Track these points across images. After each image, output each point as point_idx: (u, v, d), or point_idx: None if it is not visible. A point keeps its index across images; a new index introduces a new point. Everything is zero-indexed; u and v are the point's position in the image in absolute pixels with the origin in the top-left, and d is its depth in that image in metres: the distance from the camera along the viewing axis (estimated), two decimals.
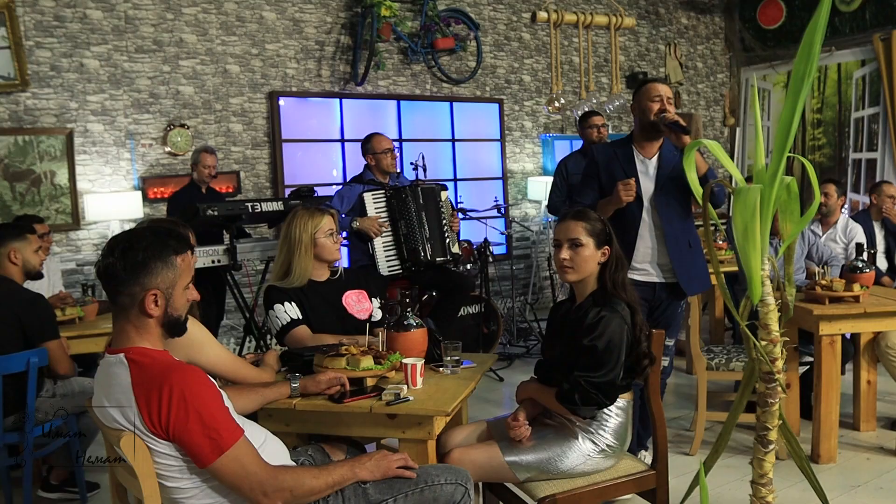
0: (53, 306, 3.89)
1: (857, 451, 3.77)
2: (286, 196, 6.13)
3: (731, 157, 9.12)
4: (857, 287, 3.51)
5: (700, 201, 1.37)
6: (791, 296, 1.41)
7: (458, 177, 7.47)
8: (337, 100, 6.75)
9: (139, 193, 5.73)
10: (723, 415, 4.08)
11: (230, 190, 6.20)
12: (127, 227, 5.76)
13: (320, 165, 6.75)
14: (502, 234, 6.79)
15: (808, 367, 3.97)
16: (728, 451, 3.76)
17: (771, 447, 1.21)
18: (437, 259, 4.65)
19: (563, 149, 7.83)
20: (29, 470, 3.14)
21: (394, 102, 7.06)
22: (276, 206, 4.88)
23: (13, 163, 5.39)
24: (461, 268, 5.76)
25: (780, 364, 1.27)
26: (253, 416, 2.39)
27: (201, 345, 2.29)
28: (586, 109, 5.27)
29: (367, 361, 2.40)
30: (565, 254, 2.41)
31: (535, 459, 2.33)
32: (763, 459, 1.21)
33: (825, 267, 3.85)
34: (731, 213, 5.69)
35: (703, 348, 3.88)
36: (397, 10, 6.65)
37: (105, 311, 4.02)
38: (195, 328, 2.28)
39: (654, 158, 3.22)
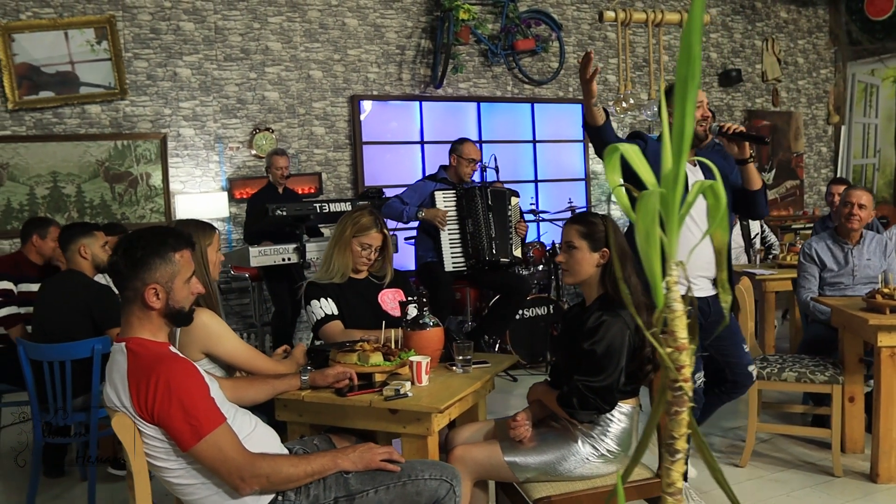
0: None
1: None
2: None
3: (836, 156, 8.63)
4: None
5: (620, 202, 1.38)
6: (726, 303, 1.39)
7: (539, 178, 7.46)
8: (417, 102, 6.89)
9: (225, 194, 6.07)
10: (778, 426, 3.91)
11: (312, 191, 6.47)
12: (215, 225, 6.13)
13: (403, 167, 6.92)
14: None
15: None
16: (778, 465, 3.62)
17: (678, 456, 1.20)
18: (502, 259, 4.72)
19: None
20: (94, 447, 3.42)
21: (474, 104, 7.13)
22: (344, 206, 5.06)
23: (113, 165, 5.85)
24: (532, 269, 5.76)
25: (686, 372, 1.26)
26: (270, 406, 2.54)
27: (219, 337, 2.44)
28: (655, 110, 5.15)
29: (377, 358, 2.49)
30: (561, 257, 2.43)
31: (535, 461, 2.35)
32: (671, 469, 1.20)
33: (890, 275, 3.61)
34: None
35: (759, 357, 3.74)
36: (476, 14, 6.72)
37: None
38: (213, 322, 2.43)
39: (697, 165, 3.08)
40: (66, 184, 5.72)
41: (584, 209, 7.12)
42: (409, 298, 2.94)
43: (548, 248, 6.00)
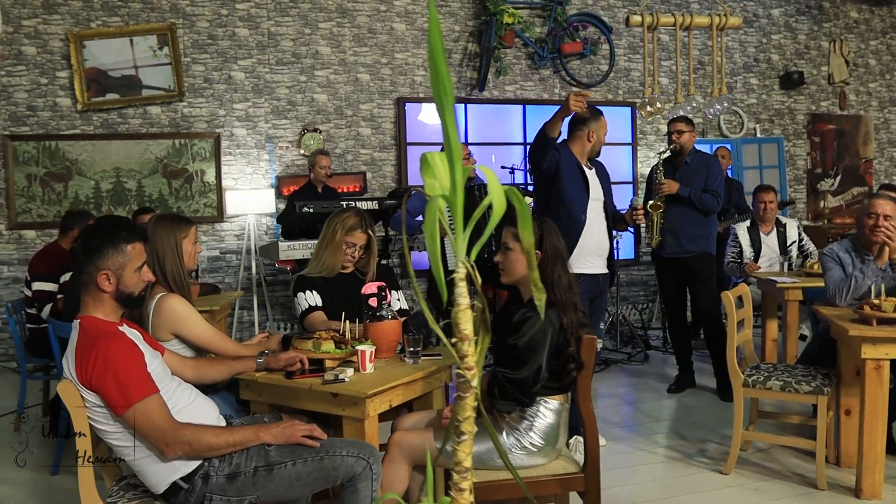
0: None
1: None
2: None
3: None
4: None
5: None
6: (540, 301, 1.51)
7: None
8: (462, 105, 7.06)
9: (272, 191, 6.42)
10: (766, 436, 3.85)
11: (357, 189, 6.74)
12: (263, 220, 6.49)
13: None
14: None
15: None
16: (765, 474, 3.59)
17: (464, 437, 1.34)
18: None
19: None
20: None
21: (519, 107, 7.23)
22: (371, 205, 5.28)
23: (171, 162, 6.29)
24: None
25: (469, 361, 1.39)
26: (235, 384, 2.78)
27: (186, 321, 2.69)
28: (680, 114, 5.13)
29: (328, 345, 2.68)
30: (498, 257, 2.55)
31: None
32: (457, 448, 1.34)
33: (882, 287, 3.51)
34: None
35: (752, 365, 3.72)
36: (521, 17, 6.82)
37: (206, 293, 4.64)
38: (182, 306, 2.68)
39: (593, 169, 3.91)
40: (128, 179, 6.21)
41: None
42: (371, 292, 3.11)
43: None
